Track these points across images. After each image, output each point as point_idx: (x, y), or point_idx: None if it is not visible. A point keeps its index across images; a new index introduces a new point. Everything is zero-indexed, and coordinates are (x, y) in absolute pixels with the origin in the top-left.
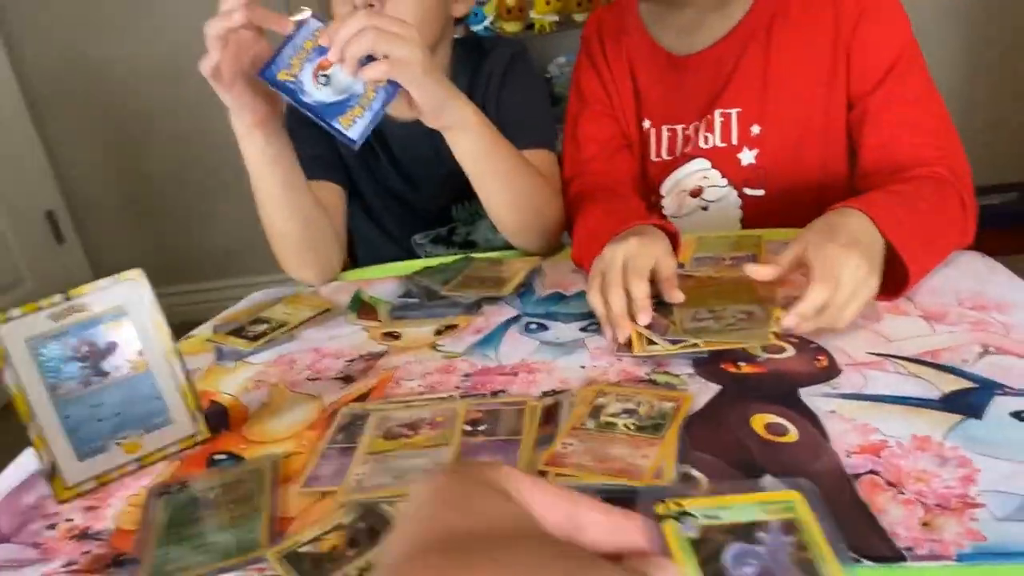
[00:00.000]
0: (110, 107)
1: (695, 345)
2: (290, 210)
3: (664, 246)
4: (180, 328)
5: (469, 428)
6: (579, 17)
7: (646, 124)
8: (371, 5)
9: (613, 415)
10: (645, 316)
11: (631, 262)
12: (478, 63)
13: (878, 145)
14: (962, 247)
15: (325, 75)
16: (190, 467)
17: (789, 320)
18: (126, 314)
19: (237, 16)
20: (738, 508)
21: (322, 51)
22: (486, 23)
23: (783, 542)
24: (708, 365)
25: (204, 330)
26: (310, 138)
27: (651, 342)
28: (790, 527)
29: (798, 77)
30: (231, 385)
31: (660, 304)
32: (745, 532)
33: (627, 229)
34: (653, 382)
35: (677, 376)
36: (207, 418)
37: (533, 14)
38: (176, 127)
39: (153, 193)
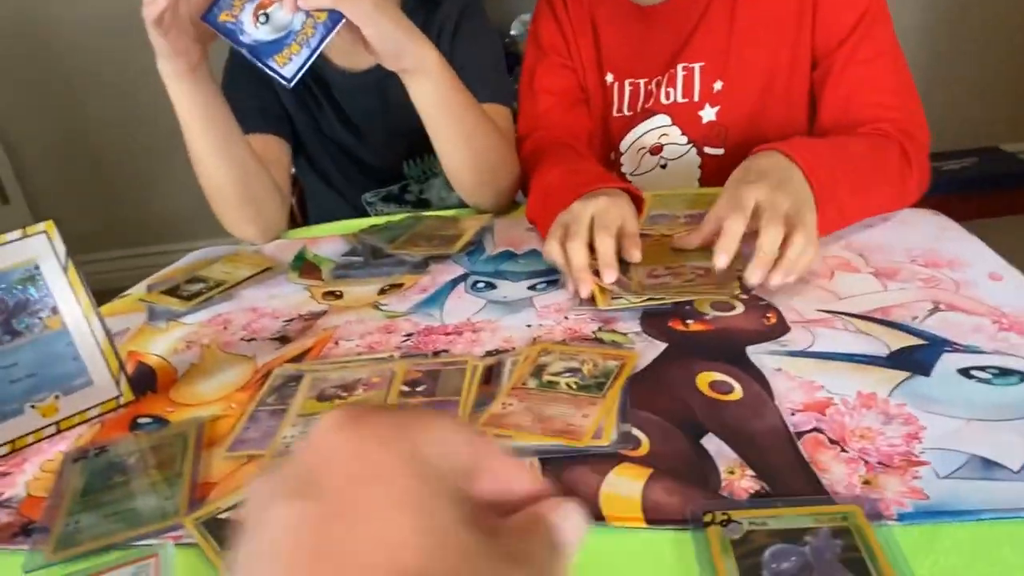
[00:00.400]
0: (56, 68)
1: (662, 299)
2: (226, 162)
3: (630, 208)
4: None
5: (407, 389)
6: None
7: (608, 78)
8: None
9: (555, 374)
10: (611, 273)
11: (599, 218)
12: (429, 13)
13: (837, 102)
14: (905, 203)
15: (265, 14)
16: (112, 431)
17: (752, 276)
18: (38, 270)
19: None
20: (789, 518)
21: None
22: None
23: (831, 543)
24: (655, 323)
25: (138, 289)
26: (251, 88)
27: (616, 296)
28: (841, 533)
29: (763, 33)
30: (161, 346)
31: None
32: (792, 536)
33: (593, 189)
34: (599, 340)
35: (624, 335)
36: (132, 380)
37: None
38: (122, 87)
39: (99, 155)
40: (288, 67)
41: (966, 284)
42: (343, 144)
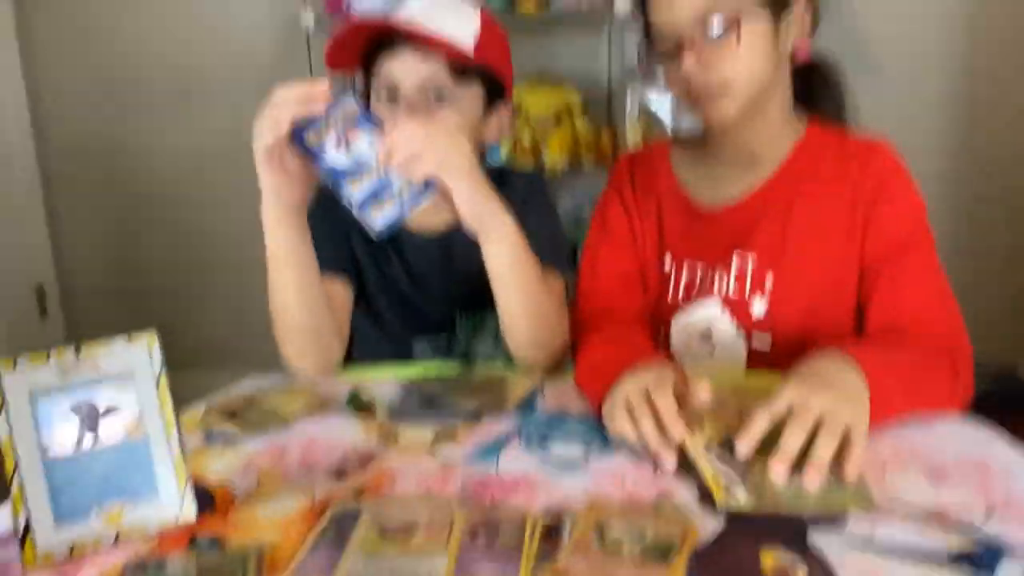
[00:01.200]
0: (120, 190)
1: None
2: (303, 299)
3: (681, 373)
4: None
5: (466, 537)
6: (587, 164)
7: (667, 263)
8: None
9: (619, 537)
10: (679, 429)
11: (654, 385)
12: (501, 186)
13: (884, 313)
14: (952, 413)
15: (347, 143)
16: (169, 546)
17: (810, 485)
18: (132, 378)
19: (284, 118)
20: None
21: (350, 123)
22: (501, 161)
23: None
24: (712, 498)
25: (196, 410)
26: (328, 231)
27: (730, 487)
28: None
29: (815, 240)
30: (219, 468)
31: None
32: None
33: (637, 363)
34: (657, 510)
35: (683, 504)
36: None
37: (546, 156)
38: (179, 217)
39: (145, 280)
40: (380, 220)
41: (1020, 492)
42: (403, 294)
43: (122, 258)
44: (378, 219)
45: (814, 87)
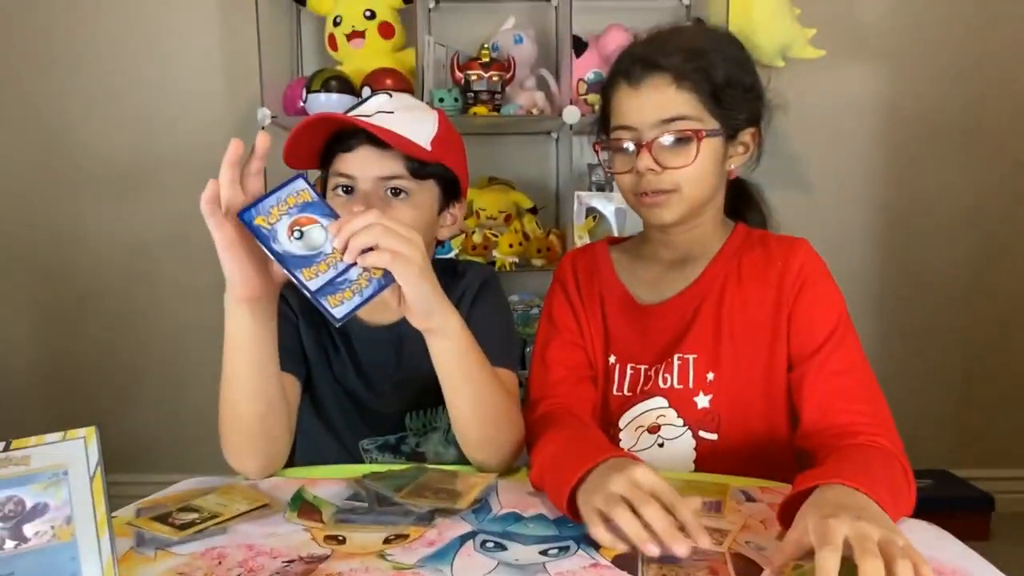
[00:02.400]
0: (52, 280)
1: None
2: (256, 394)
3: (653, 472)
4: None
5: None
6: (537, 262)
7: (611, 360)
8: None
9: None
10: (682, 546)
11: (631, 493)
12: (452, 282)
13: (814, 408)
14: (909, 512)
15: (300, 231)
16: None
17: None
18: (66, 475)
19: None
20: None
21: (302, 209)
22: (452, 255)
23: None
24: None
25: (126, 513)
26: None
27: None
28: None
29: (745, 334)
30: (151, 575)
31: None
32: None
33: (602, 458)
34: None
35: None
36: None
37: (496, 253)
38: (116, 310)
39: (76, 376)
40: (339, 309)
41: None
42: (351, 390)
43: (52, 353)
44: (337, 310)
45: (740, 201)
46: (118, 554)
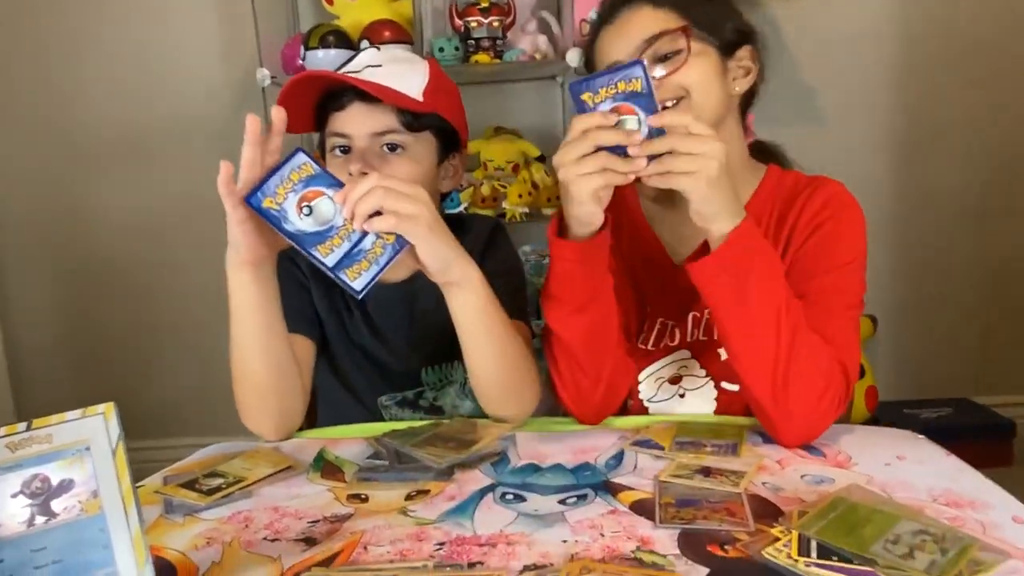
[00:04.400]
0: (71, 255)
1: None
2: (265, 355)
3: None
4: None
5: None
6: (547, 211)
7: (641, 308)
8: (364, 174)
9: None
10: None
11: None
12: (458, 237)
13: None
14: (828, 388)
15: (308, 206)
16: None
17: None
18: (88, 451)
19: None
20: None
21: (307, 183)
22: (460, 209)
23: None
24: (693, 546)
25: (153, 481)
26: (289, 289)
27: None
28: None
29: None
30: (179, 541)
31: None
32: None
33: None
34: (639, 560)
35: (663, 556)
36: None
37: (506, 204)
38: (133, 281)
39: (98, 348)
40: (358, 281)
41: (992, 526)
42: (366, 349)
43: (75, 327)
44: (356, 282)
45: (764, 160)
46: (148, 521)
